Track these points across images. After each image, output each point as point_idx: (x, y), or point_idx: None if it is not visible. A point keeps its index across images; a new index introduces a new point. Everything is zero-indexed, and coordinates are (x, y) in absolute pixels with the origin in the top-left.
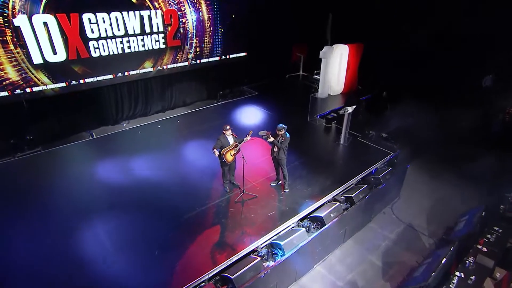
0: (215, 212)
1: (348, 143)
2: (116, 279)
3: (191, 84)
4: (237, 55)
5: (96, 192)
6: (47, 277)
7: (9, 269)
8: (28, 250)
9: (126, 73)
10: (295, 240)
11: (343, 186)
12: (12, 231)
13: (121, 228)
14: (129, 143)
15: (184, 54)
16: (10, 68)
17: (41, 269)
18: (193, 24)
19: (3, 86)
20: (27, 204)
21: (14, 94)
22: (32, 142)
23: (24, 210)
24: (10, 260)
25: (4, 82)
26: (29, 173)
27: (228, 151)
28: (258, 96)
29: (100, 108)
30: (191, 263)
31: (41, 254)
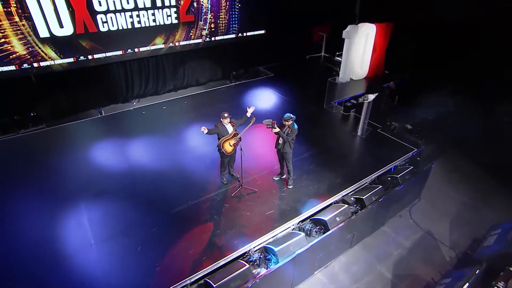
0: (208, 207)
1: (366, 135)
2: (89, 275)
3: (205, 63)
4: (255, 33)
5: (88, 175)
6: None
7: None
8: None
9: (136, 50)
10: (292, 247)
11: (355, 185)
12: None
13: (105, 218)
14: (132, 123)
15: (198, 30)
16: (16, 41)
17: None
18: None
19: (10, 60)
20: (18, 182)
21: (22, 69)
22: (36, 118)
23: (13, 188)
24: None
25: (11, 56)
26: (28, 151)
27: (227, 141)
28: (273, 78)
29: (110, 85)
30: (173, 264)
31: (17, 236)
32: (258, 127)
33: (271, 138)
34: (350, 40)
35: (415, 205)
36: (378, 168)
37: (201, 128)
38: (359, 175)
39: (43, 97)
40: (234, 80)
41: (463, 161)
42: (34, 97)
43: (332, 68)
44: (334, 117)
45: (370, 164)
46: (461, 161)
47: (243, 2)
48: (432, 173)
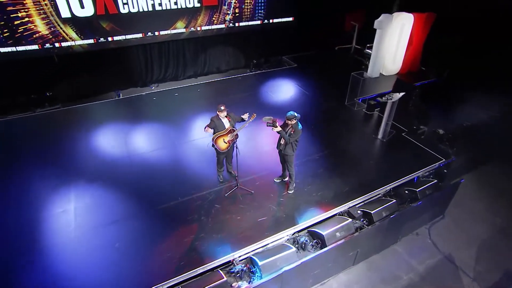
0: (198, 206)
1: (388, 139)
2: (61, 267)
3: (227, 49)
4: (282, 19)
5: (86, 159)
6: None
7: None
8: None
9: (157, 33)
10: (279, 262)
11: (365, 196)
12: None
13: (92, 206)
14: (144, 109)
15: (221, 15)
16: (39, 21)
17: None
18: None
19: (33, 39)
20: (20, 161)
21: (44, 49)
22: (53, 98)
23: (13, 167)
24: None
25: (34, 35)
26: (41, 129)
27: (221, 137)
28: (296, 69)
29: (129, 68)
30: (148, 266)
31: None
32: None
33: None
34: (383, 31)
35: (436, 223)
36: (395, 178)
37: (204, 130)
38: (372, 184)
39: (63, 77)
40: (254, 69)
41: (500, 177)
42: (54, 77)
43: (361, 62)
44: (355, 115)
45: (387, 173)
46: (498, 176)
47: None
48: (462, 186)
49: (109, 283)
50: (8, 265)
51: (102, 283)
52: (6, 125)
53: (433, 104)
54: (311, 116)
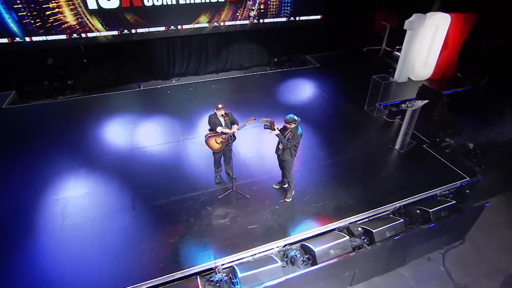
0: (189, 207)
1: (406, 150)
2: (45, 256)
3: (251, 46)
4: (309, 17)
5: (91, 150)
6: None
7: None
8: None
9: (179, 27)
10: (262, 276)
11: (370, 212)
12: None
13: (85, 199)
14: (158, 102)
15: (246, 11)
16: (68, 12)
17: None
18: None
19: (62, 29)
20: (33, 145)
21: (71, 39)
22: (74, 86)
23: (26, 150)
24: None
25: (63, 26)
26: (56, 117)
27: (213, 137)
28: (318, 69)
29: (151, 61)
30: (128, 264)
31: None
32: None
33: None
34: (413, 32)
35: (453, 249)
36: (408, 194)
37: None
38: (380, 199)
39: (87, 66)
40: (275, 67)
41: None
42: (78, 66)
43: (390, 65)
44: (374, 122)
45: (400, 188)
46: None
47: None
48: (487, 210)
49: (87, 277)
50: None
51: (80, 276)
52: (29, 110)
53: (464, 115)
54: (326, 119)
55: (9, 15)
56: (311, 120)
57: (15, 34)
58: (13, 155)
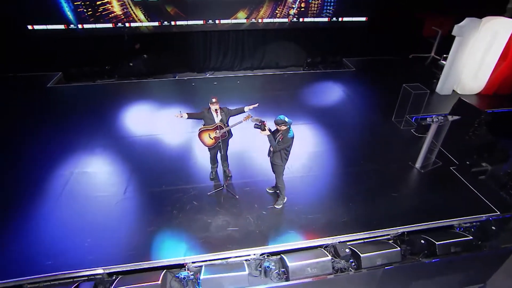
0: (176, 199)
1: (428, 170)
2: (35, 227)
3: (288, 45)
4: (353, 19)
5: (108, 132)
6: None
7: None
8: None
9: (217, 21)
10: (226, 282)
11: (366, 234)
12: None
13: (84, 178)
14: (181, 92)
15: (285, 8)
16: (116, 2)
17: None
18: None
19: (109, 18)
20: (62, 123)
21: (116, 27)
22: (111, 71)
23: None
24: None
25: (110, 15)
26: (90, 98)
27: (207, 131)
28: (353, 73)
29: (188, 53)
30: (103, 246)
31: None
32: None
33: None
34: (463, 38)
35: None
36: (417, 220)
37: (175, 114)
38: (382, 221)
39: (127, 54)
40: (308, 67)
41: None
42: (119, 53)
43: (436, 74)
44: (399, 135)
45: (409, 212)
46: None
47: None
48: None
49: (58, 251)
50: None
51: (53, 248)
52: (71, 90)
53: (509, 138)
54: (347, 126)
55: (67, 4)
56: (330, 125)
57: (70, 22)
58: (50, 127)
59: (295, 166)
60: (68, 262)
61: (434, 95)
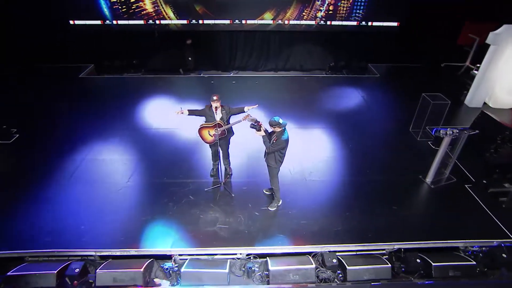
0: (174, 191)
1: (439, 186)
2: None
3: (314, 48)
4: (384, 23)
5: (126, 122)
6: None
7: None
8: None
9: (244, 22)
10: (205, 278)
11: (358, 246)
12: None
13: (94, 165)
14: (201, 90)
15: (313, 11)
16: (148, 0)
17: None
18: None
19: (141, 15)
20: (91, 108)
21: (147, 24)
22: (138, 66)
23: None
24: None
25: (142, 12)
26: (117, 89)
27: (207, 128)
28: (377, 80)
29: (214, 51)
30: (99, 230)
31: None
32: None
33: (296, 141)
34: (499, 47)
35: None
36: (416, 237)
37: (175, 111)
38: (377, 235)
39: (156, 50)
40: (330, 71)
41: None
42: (148, 48)
43: (466, 85)
44: (414, 146)
45: (409, 228)
46: None
47: None
48: None
49: (63, 231)
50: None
51: (59, 229)
52: (100, 81)
53: None
54: (361, 133)
55: (105, 2)
56: (343, 131)
57: (106, 18)
58: (75, 114)
59: (297, 170)
60: (65, 241)
61: (463, 107)
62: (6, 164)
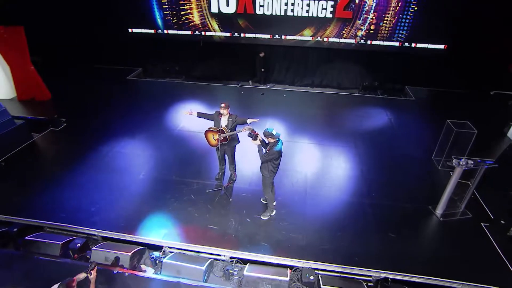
0: (177, 189)
1: (448, 220)
2: None
3: (352, 66)
4: (429, 46)
5: (164, 122)
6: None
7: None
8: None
9: (283, 37)
10: (182, 271)
11: (339, 267)
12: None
13: (119, 157)
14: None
15: (353, 29)
16: (196, 13)
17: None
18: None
19: (189, 26)
20: (132, 106)
21: (194, 35)
22: (179, 72)
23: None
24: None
25: (190, 24)
26: (158, 91)
27: (212, 132)
28: (411, 103)
29: (253, 64)
30: (106, 213)
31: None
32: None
33: (305, 153)
34: None
35: None
36: (409, 270)
37: (185, 111)
38: (365, 260)
39: (198, 59)
40: (363, 91)
41: None
42: (190, 57)
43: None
44: (433, 175)
45: (404, 258)
46: None
47: (422, 5)
48: None
49: (77, 209)
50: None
51: (74, 207)
52: (144, 83)
53: None
54: (379, 156)
55: (159, 13)
56: (362, 152)
57: (159, 27)
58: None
59: (300, 183)
60: (77, 219)
61: (504, 140)
62: (49, 147)
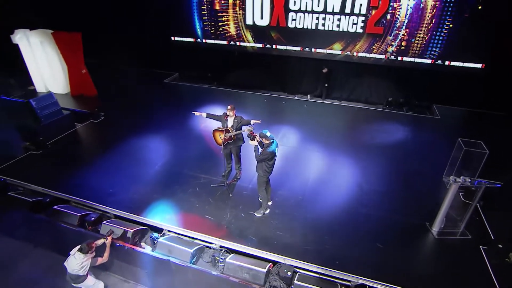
0: (185, 181)
1: (444, 238)
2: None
3: (382, 82)
4: (465, 64)
5: (190, 123)
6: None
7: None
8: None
9: (313, 50)
10: (173, 251)
11: (318, 268)
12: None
13: (145, 147)
14: (255, 105)
15: (383, 45)
16: (232, 25)
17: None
18: (408, 11)
19: (225, 37)
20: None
21: (229, 45)
22: (211, 78)
23: None
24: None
25: (226, 34)
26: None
27: (218, 132)
28: (435, 121)
29: (283, 75)
30: (115, 193)
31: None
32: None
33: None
34: None
35: None
36: (389, 280)
37: (194, 112)
38: (346, 265)
39: (232, 67)
40: (388, 106)
41: None
42: (223, 65)
43: None
44: (440, 193)
45: (386, 268)
46: None
47: (458, 22)
48: None
49: (98, 189)
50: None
51: (96, 186)
52: (179, 87)
53: None
54: (388, 171)
55: (199, 24)
56: (371, 165)
57: (198, 36)
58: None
59: (300, 188)
60: (97, 197)
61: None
62: (88, 136)
